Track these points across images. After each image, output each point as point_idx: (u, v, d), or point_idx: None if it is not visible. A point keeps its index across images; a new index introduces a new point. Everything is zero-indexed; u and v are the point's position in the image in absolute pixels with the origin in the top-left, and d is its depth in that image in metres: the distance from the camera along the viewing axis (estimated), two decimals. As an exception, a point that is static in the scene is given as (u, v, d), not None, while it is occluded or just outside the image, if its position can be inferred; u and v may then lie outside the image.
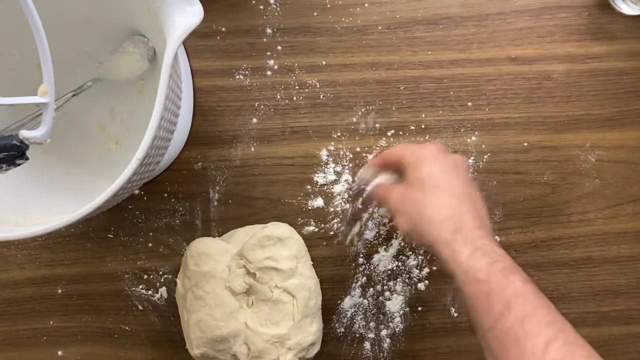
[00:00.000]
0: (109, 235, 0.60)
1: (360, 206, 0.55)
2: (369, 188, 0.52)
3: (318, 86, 0.60)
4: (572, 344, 0.37)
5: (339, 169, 0.60)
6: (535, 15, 0.60)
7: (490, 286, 0.40)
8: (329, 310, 0.59)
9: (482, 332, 0.40)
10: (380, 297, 0.60)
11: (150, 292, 0.60)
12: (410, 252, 0.60)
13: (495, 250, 0.42)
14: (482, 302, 0.40)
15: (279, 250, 0.55)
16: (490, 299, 0.39)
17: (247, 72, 0.60)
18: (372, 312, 0.60)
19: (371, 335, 0.60)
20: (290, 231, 0.57)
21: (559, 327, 0.38)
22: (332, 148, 0.60)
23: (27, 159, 0.35)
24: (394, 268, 0.60)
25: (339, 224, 0.59)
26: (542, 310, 0.38)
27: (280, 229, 0.56)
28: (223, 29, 0.60)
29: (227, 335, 0.53)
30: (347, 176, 0.60)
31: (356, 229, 0.58)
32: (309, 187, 0.60)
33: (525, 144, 0.60)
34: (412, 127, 0.60)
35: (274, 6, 0.60)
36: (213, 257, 0.55)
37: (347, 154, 0.60)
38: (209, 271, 0.54)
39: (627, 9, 0.59)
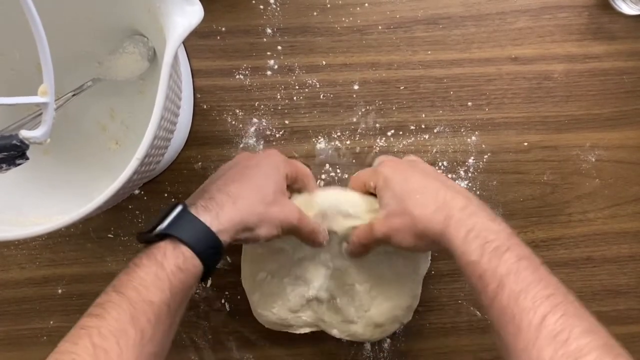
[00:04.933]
0: (109, 235, 0.60)
1: None
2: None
3: (318, 86, 0.60)
4: (572, 316, 0.37)
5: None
6: (535, 15, 0.60)
7: (483, 267, 0.41)
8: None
9: (484, 311, 0.43)
10: (380, 297, 0.60)
11: (150, 292, 0.60)
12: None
13: (488, 227, 0.43)
14: (478, 283, 0.41)
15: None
16: (484, 279, 0.40)
17: (247, 72, 0.60)
18: (372, 312, 0.60)
19: (371, 335, 0.60)
20: None
21: (556, 301, 0.38)
22: (332, 148, 0.60)
23: (27, 158, 0.35)
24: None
25: None
26: (538, 285, 0.39)
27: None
28: (223, 29, 0.60)
29: None
30: (345, 176, 0.59)
31: None
32: (309, 187, 0.60)
33: (525, 143, 0.60)
34: (412, 127, 0.60)
35: (274, 6, 0.60)
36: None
37: (347, 153, 0.60)
38: None
39: (627, 9, 0.59)
